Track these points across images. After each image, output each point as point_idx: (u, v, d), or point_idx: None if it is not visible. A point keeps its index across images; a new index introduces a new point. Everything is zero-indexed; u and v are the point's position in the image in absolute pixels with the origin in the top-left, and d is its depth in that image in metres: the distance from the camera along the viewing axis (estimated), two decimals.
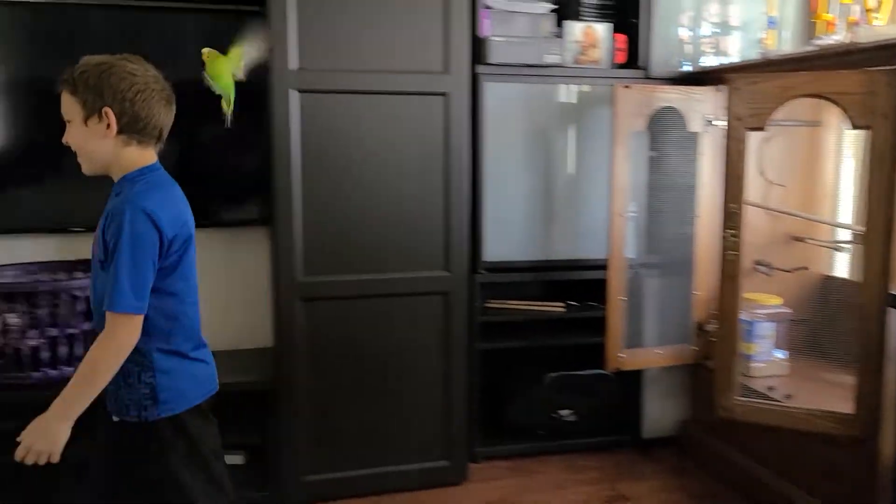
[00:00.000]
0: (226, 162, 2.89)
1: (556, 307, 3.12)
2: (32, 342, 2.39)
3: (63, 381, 1.60)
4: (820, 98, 2.34)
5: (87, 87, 1.61)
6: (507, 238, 2.97)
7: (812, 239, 3.01)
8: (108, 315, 1.56)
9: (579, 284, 3.11)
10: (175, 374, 1.67)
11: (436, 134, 2.69)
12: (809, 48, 2.61)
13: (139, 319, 1.58)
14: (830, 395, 2.51)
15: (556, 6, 3.07)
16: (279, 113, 2.54)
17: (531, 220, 3.01)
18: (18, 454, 1.59)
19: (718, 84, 2.83)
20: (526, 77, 2.93)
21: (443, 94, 2.68)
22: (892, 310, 2.22)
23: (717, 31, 3.11)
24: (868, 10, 2.55)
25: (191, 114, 1.88)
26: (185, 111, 1.78)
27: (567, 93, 3.02)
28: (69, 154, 1.69)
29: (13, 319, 2.35)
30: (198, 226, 1.75)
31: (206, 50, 2.00)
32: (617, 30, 3.06)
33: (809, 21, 2.91)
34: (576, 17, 3.05)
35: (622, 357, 2.89)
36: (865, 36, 2.36)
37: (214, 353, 1.79)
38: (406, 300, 2.74)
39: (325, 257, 2.64)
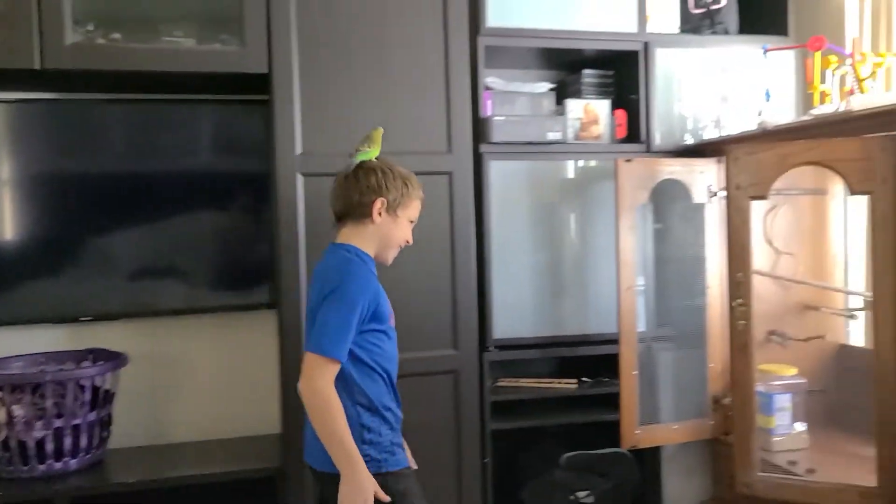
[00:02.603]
0: (234, 248, 2.93)
1: (569, 384, 3.07)
2: (38, 434, 2.38)
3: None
4: (819, 166, 2.36)
5: None
6: (516, 315, 2.95)
7: (826, 307, 2.97)
8: None
9: (589, 360, 3.07)
10: None
11: (441, 213, 2.72)
12: (806, 118, 2.63)
13: None
14: (853, 468, 2.44)
15: (555, 85, 3.14)
16: (285, 197, 2.58)
17: (539, 297, 2.99)
18: None
19: (719, 156, 2.84)
20: (529, 154, 2.96)
21: (447, 174, 2.72)
22: None
23: (716, 104, 3.15)
24: (860, 80, 2.58)
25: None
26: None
27: (570, 169, 3.05)
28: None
29: (18, 411, 2.34)
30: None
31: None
32: (616, 106, 3.11)
33: (806, 93, 2.94)
34: (575, 95, 3.11)
35: (638, 434, 2.83)
36: (859, 104, 2.38)
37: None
38: (418, 380, 2.70)
39: None
